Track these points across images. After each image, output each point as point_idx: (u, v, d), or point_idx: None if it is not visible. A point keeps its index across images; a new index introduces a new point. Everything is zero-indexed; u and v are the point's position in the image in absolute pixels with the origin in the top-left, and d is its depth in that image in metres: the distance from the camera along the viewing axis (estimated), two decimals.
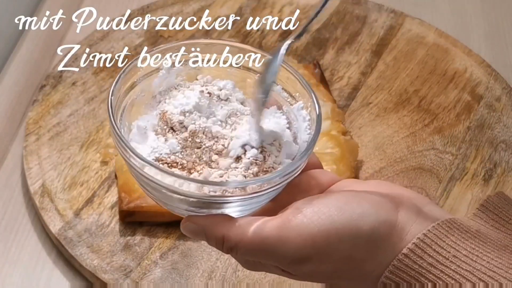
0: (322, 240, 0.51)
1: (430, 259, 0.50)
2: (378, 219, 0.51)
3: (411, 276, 0.51)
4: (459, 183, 0.83)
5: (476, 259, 0.50)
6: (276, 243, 0.51)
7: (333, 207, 0.51)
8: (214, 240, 0.53)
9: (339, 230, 0.51)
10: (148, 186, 0.53)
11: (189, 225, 0.54)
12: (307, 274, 0.53)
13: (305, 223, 0.51)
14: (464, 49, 0.98)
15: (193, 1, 1.02)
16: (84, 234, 0.75)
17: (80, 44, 0.95)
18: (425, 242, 0.51)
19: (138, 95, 0.58)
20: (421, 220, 0.52)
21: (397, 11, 1.03)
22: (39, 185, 0.79)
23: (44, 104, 0.87)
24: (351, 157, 0.82)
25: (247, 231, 0.51)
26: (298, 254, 0.51)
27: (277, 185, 0.52)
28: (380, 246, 0.51)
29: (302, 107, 0.57)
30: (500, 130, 0.89)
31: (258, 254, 0.52)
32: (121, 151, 0.53)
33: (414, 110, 0.91)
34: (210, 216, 0.53)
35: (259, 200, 0.54)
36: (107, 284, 0.72)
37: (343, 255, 0.51)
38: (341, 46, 0.98)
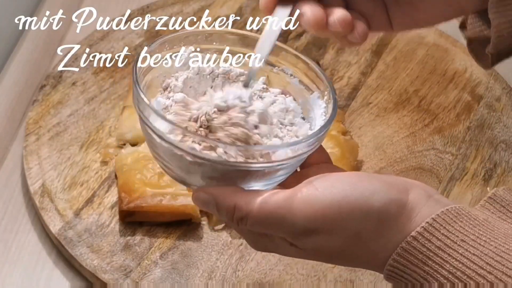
0: (333, 212, 0.51)
1: (438, 243, 0.51)
2: (389, 196, 0.52)
3: (418, 259, 0.51)
4: (459, 183, 0.83)
5: (484, 244, 0.50)
6: (287, 213, 0.51)
7: (347, 183, 0.52)
8: (224, 210, 0.53)
9: (350, 204, 0.51)
10: (167, 153, 0.53)
11: (200, 194, 0.54)
12: (314, 248, 0.53)
13: (317, 195, 0.51)
14: (464, 49, 0.97)
15: (193, 1, 1.02)
16: (84, 234, 0.75)
17: (80, 44, 0.95)
18: (433, 226, 0.51)
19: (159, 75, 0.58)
20: (431, 204, 0.52)
21: None
22: (39, 185, 0.79)
23: (44, 104, 0.87)
24: (351, 157, 0.82)
25: (258, 200, 0.52)
26: (308, 225, 0.51)
27: (298, 156, 0.53)
28: (389, 225, 0.52)
29: (318, 97, 0.59)
30: (500, 130, 0.89)
31: (267, 225, 0.52)
32: (141, 112, 0.53)
33: (414, 110, 0.91)
34: (222, 187, 0.53)
35: (274, 176, 0.54)
36: (107, 284, 0.72)
37: (352, 231, 0.52)
38: (341, 46, 0.98)
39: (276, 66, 0.61)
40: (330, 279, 0.73)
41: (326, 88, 0.58)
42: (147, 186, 0.76)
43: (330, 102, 0.57)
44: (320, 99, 0.59)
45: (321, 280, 0.73)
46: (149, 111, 0.53)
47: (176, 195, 0.75)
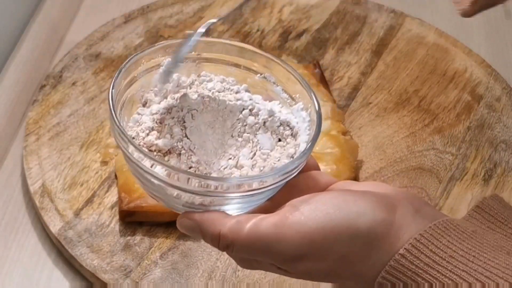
0: (319, 238, 0.50)
1: (426, 259, 0.50)
2: (375, 218, 0.51)
3: (407, 276, 0.51)
4: (459, 183, 0.83)
5: (473, 259, 0.50)
6: (272, 241, 0.51)
7: (330, 205, 0.51)
8: (210, 237, 0.52)
9: (336, 228, 0.50)
10: (146, 180, 0.53)
11: (184, 221, 0.54)
12: (304, 272, 0.53)
13: (303, 221, 0.50)
14: (464, 49, 0.98)
15: (193, 1, 1.03)
16: (84, 234, 0.75)
17: (80, 44, 0.95)
18: (421, 242, 0.50)
19: (138, 91, 0.58)
20: (418, 220, 0.52)
21: (397, 11, 1.03)
22: (39, 185, 0.79)
23: (44, 104, 0.87)
24: (351, 157, 0.82)
25: (243, 228, 0.51)
26: (295, 252, 0.51)
27: (276, 184, 0.52)
28: (377, 246, 0.51)
29: (302, 108, 0.57)
30: (500, 130, 0.89)
31: (254, 252, 0.52)
32: (120, 142, 0.53)
33: (414, 110, 0.91)
34: (206, 213, 0.53)
35: (256, 199, 0.53)
36: (107, 284, 0.72)
37: (339, 254, 0.51)
38: (341, 46, 0.98)
39: (259, 73, 0.60)
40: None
41: (310, 100, 0.56)
42: None
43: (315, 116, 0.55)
44: (304, 110, 0.57)
45: None
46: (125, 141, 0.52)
47: None
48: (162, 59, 0.58)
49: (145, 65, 0.58)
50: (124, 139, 0.52)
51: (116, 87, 0.55)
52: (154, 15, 1.00)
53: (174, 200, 0.54)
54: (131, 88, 0.57)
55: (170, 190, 0.52)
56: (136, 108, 0.58)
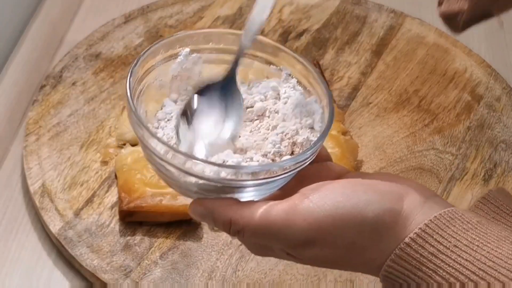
0: (327, 225, 0.51)
1: (431, 248, 0.51)
2: (383, 207, 0.52)
3: (412, 265, 0.51)
4: (459, 183, 0.83)
5: (477, 249, 0.50)
6: (282, 227, 0.52)
7: (339, 193, 0.52)
8: (221, 223, 0.53)
9: (344, 216, 0.51)
10: (161, 167, 0.54)
11: (197, 207, 0.54)
12: (311, 258, 0.53)
13: (311, 208, 0.51)
14: (464, 49, 0.98)
15: (193, 1, 1.03)
16: (84, 234, 0.75)
17: (80, 44, 0.95)
18: (426, 232, 0.51)
19: (156, 80, 0.59)
20: (425, 210, 0.52)
21: (397, 11, 1.03)
22: (39, 185, 0.79)
23: (44, 104, 0.87)
24: (351, 157, 0.82)
25: (254, 214, 0.52)
26: (303, 238, 0.52)
27: (289, 172, 0.53)
28: (384, 234, 0.52)
29: (316, 101, 0.58)
30: (500, 130, 0.89)
31: (264, 237, 0.53)
32: (136, 130, 0.53)
33: (414, 110, 0.91)
34: (218, 199, 0.54)
35: (268, 187, 0.54)
36: (107, 284, 0.72)
37: (347, 241, 0.52)
38: (341, 46, 0.98)
39: (275, 65, 0.61)
40: (330, 279, 0.73)
41: (324, 94, 0.58)
42: (147, 186, 0.76)
43: (327, 109, 0.57)
44: (318, 103, 0.58)
45: (321, 280, 0.73)
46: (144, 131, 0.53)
47: (176, 195, 0.75)
48: (180, 49, 0.59)
49: (163, 54, 0.58)
50: (139, 126, 0.53)
51: (133, 76, 0.56)
52: (154, 15, 1.00)
53: (187, 186, 0.54)
54: (148, 77, 0.58)
55: (184, 177, 0.53)
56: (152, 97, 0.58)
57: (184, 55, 0.59)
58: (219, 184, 0.52)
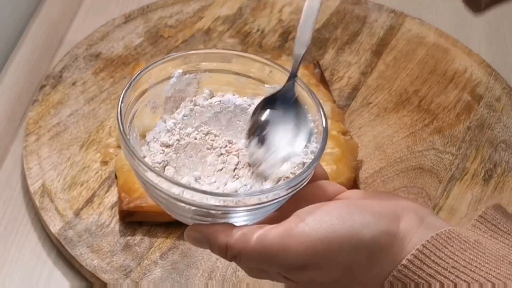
0: (323, 248, 0.51)
1: (429, 270, 0.50)
2: (379, 229, 0.52)
3: (410, 287, 0.51)
4: (459, 183, 0.83)
5: (475, 269, 0.50)
6: (278, 251, 0.51)
7: (335, 216, 0.52)
8: (217, 249, 0.54)
9: (340, 239, 0.51)
10: (155, 193, 0.54)
11: (192, 233, 0.55)
12: (308, 281, 0.53)
13: (307, 232, 0.51)
14: (464, 49, 0.98)
15: (193, 1, 1.03)
16: (84, 234, 0.75)
17: (80, 44, 0.95)
18: (424, 253, 0.51)
19: (149, 102, 0.59)
20: (422, 231, 0.52)
21: (397, 11, 1.03)
22: (39, 185, 0.79)
23: (44, 104, 0.87)
24: (351, 157, 0.82)
25: (249, 239, 0.52)
26: (299, 262, 0.51)
27: (282, 197, 0.53)
28: (381, 256, 0.52)
29: (310, 120, 0.58)
30: (500, 130, 0.89)
31: (260, 262, 0.53)
32: (129, 158, 0.53)
33: (414, 110, 0.91)
34: (213, 225, 0.54)
35: (263, 211, 0.54)
36: (107, 284, 0.72)
37: (343, 264, 0.52)
38: (341, 46, 0.98)
39: (268, 84, 0.60)
40: None
41: (318, 113, 0.57)
42: None
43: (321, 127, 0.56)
44: (312, 122, 0.58)
45: None
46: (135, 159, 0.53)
47: None
48: (173, 71, 0.59)
49: (155, 77, 0.58)
50: (133, 157, 0.53)
51: (125, 100, 0.56)
52: (154, 15, 1.00)
53: (181, 212, 0.54)
54: (141, 100, 0.58)
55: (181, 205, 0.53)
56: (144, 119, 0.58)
57: (177, 77, 0.59)
58: (212, 210, 0.52)
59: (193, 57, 0.60)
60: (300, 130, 0.57)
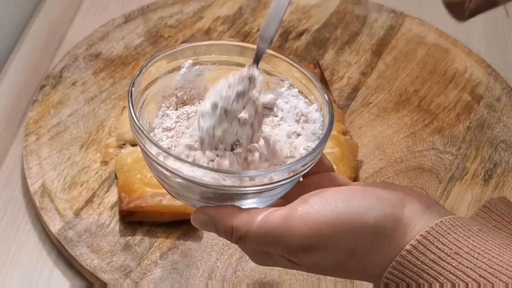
0: (327, 230, 0.51)
1: (432, 256, 0.51)
2: (383, 212, 0.52)
3: (413, 272, 0.51)
4: (459, 183, 0.83)
5: (478, 256, 0.50)
6: (282, 232, 0.52)
7: (340, 199, 0.52)
8: (223, 230, 0.54)
9: (344, 221, 0.51)
10: (163, 175, 0.54)
11: (199, 216, 0.55)
12: (312, 264, 0.53)
13: (312, 213, 0.51)
14: (464, 49, 0.98)
15: (193, 1, 1.03)
16: (84, 234, 0.75)
17: (80, 44, 0.95)
18: (427, 238, 0.51)
19: (158, 91, 0.59)
20: (426, 217, 0.52)
21: (397, 11, 1.03)
22: (39, 185, 0.79)
23: (44, 104, 0.87)
24: (351, 157, 0.82)
25: (255, 221, 0.52)
26: (303, 243, 0.52)
27: (289, 178, 0.53)
28: (385, 240, 0.52)
29: (317, 109, 0.59)
30: (500, 130, 0.89)
31: (265, 243, 0.53)
32: (138, 138, 0.54)
33: (414, 110, 0.91)
34: (219, 207, 0.54)
35: (270, 194, 0.54)
36: (107, 284, 0.72)
37: (347, 247, 0.52)
38: (341, 46, 0.98)
39: (275, 76, 0.61)
40: (330, 279, 0.73)
41: (324, 102, 0.58)
42: (147, 186, 0.76)
43: (327, 116, 0.57)
44: (318, 111, 0.59)
45: (321, 280, 0.73)
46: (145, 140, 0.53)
47: None
48: (183, 61, 0.59)
49: (166, 66, 0.59)
50: (141, 135, 0.53)
51: (136, 86, 0.56)
52: (154, 15, 1.00)
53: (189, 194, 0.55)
54: (151, 89, 0.58)
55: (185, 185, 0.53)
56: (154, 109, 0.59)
57: (187, 67, 0.60)
58: (219, 191, 0.53)
59: (202, 48, 0.60)
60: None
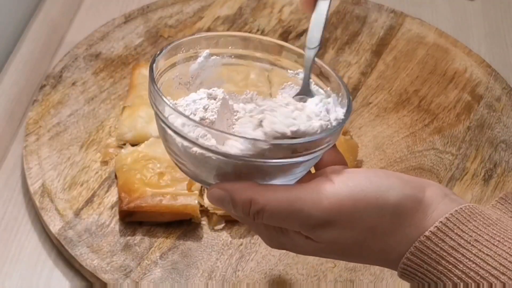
0: (349, 206, 0.51)
1: (452, 242, 0.51)
2: (405, 192, 0.52)
3: (432, 258, 0.51)
4: (459, 183, 0.83)
5: (498, 244, 0.50)
6: (303, 205, 0.51)
7: (363, 177, 0.52)
8: (240, 205, 0.53)
9: (366, 198, 0.51)
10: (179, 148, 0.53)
11: (215, 191, 0.54)
12: (330, 241, 0.53)
13: (334, 189, 0.51)
14: (464, 49, 0.98)
15: (193, 1, 1.03)
16: (84, 234, 0.75)
17: (80, 44, 0.95)
18: (447, 225, 0.51)
19: (176, 77, 0.59)
20: (447, 201, 0.53)
21: (397, 11, 1.03)
22: (39, 185, 0.79)
23: (44, 104, 0.87)
24: (351, 157, 0.82)
25: (274, 193, 0.52)
26: (324, 217, 0.51)
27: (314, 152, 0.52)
28: (405, 220, 0.52)
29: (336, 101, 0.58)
30: (500, 130, 0.89)
31: (284, 217, 0.52)
32: (158, 109, 0.53)
33: (414, 110, 0.91)
34: (238, 182, 0.53)
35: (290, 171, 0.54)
36: (107, 284, 0.72)
37: (367, 225, 0.52)
38: (341, 46, 0.98)
39: (292, 70, 0.61)
40: (330, 279, 0.73)
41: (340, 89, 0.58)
42: (147, 186, 0.76)
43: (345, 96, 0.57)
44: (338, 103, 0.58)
45: (321, 280, 0.73)
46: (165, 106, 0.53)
47: (176, 195, 0.75)
48: (200, 50, 0.60)
49: (184, 53, 0.59)
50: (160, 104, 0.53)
51: (157, 62, 0.56)
52: (154, 15, 1.00)
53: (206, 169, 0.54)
54: (169, 73, 0.59)
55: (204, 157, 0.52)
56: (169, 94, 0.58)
57: (204, 57, 0.60)
58: (241, 161, 0.51)
59: (221, 39, 0.60)
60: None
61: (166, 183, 0.76)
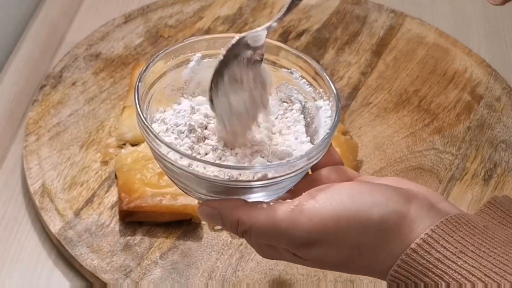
0: (331, 225, 0.51)
1: (437, 254, 0.51)
2: (388, 209, 0.52)
3: (418, 270, 0.51)
4: (459, 183, 0.83)
5: (483, 255, 0.50)
6: (287, 226, 0.52)
7: (345, 195, 0.52)
8: (229, 224, 0.54)
9: (349, 216, 0.51)
10: (171, 170, 0.54)
11: (205, 209, 0.55)
12: (317, 259, 0.54)
13: (317, 208, 0.52)
14: (464, 49, 0.98)
15: (193, 1, 1.03)
16: (84, 234, 0.75)
17: (80, 44, 0.95)
18: (432, 237, 0.51)
19: (167, 85, 0.59)
20: (433, 214, 0.52)
21: (397, 11, 1.03)
22: (39, 185, 0.79)
23: (44, 104, 0.87)
24: (351, 157, 0.82)
25: (260, 214, 0.53)
26: (308, 237, 0.52)
27: (295, 172, 0.53)
28: (390, 237, 0.52)
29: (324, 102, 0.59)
30: (500, 130, 0.89)
31: (270, 237, 0.53)
32: (146, 135, 0.54)
33: (414, 110, 0.91)
34: (225, 200, 0.54)
35: (276, 188, 0.55)
36: (107, 284, 0.72)
37: (352, 242, 0.52)
38: (341, 46, 0.98)
39: (286, 68, 0.61)
40: (330, 279, 0.73)
41: (331, 95, 0.58)
42: (147, 186, 0.76)
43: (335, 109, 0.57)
44: (327, 104, 0.59)
45: (321, 280, 0.73)
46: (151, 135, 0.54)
47: (176, 195, 0.75)
48: (191, 55, 0.59)
49: (174, 60, 0.59)
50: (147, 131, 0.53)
51: (143, 81, 0.56)
52: (154, 15, 1.00)
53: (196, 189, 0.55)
54: (159, 83, 0.58)
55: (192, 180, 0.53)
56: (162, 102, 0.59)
57: (196, 61, 0.60)
58: (226, 185, 0.53)
59: (211, 42, 0.60)
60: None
61: (166, 183, 0.76)
